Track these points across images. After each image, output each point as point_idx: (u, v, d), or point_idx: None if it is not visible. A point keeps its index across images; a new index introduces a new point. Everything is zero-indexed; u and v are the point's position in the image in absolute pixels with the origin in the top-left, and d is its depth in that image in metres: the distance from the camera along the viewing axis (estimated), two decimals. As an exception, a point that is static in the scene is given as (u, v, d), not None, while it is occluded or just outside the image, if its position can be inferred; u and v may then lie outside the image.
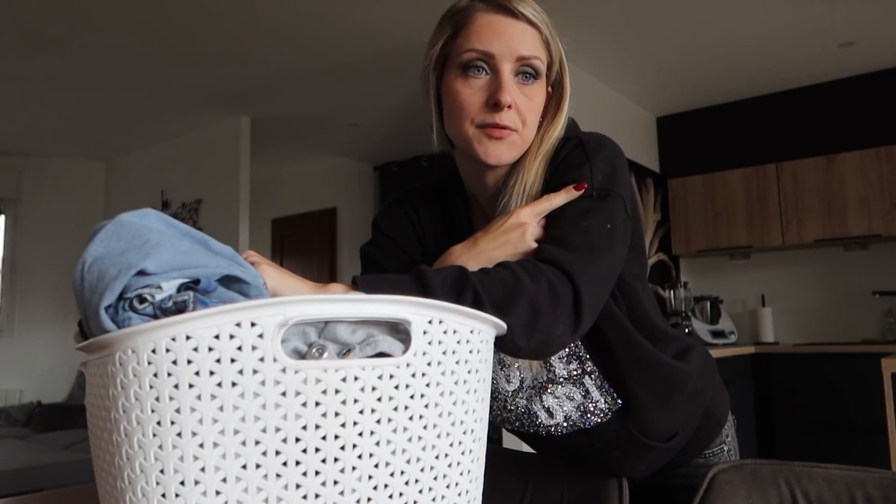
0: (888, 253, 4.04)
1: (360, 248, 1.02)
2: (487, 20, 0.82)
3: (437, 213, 0.98)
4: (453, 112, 0.83)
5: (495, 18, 0.81)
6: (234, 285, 0.55)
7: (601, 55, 3.75)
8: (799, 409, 3.76)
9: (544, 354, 0.71)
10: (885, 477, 0.76)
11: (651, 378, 0.88)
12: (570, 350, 0.87)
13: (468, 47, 0.81)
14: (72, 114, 4.52)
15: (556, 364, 0.87)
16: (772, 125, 4.41)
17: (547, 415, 0.89)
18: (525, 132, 0.83)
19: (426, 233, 0.98)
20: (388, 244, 0.98)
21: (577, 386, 0.88)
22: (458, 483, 0.57)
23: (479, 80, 0.81)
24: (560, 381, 0.88)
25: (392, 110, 4.56)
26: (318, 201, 5.98)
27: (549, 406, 0.89)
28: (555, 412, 0.89)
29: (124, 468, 0.49)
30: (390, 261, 0.96)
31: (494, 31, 0.81)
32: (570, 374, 0.87)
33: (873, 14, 3.36)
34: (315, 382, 0.49)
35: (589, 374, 0.87)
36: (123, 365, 0.48)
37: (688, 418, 0.92)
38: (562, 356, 0.87)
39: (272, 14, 3.20)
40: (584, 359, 0.87)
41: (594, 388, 0.88)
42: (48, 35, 3.34)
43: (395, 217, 1.00)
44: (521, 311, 0.65)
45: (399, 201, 1.01)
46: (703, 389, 0.93)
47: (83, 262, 0.51)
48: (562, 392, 0.88)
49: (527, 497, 0.97)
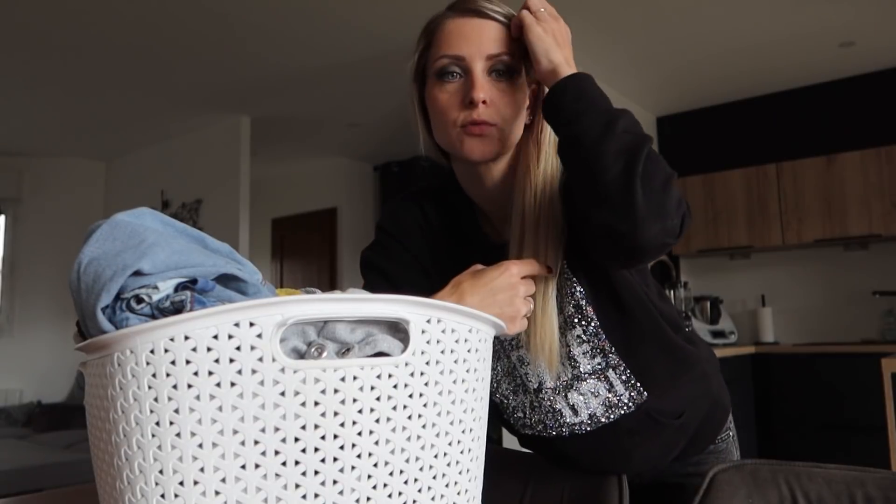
0: (888, 253, 4.04)
1: (363, 253, 0.99)
2: (455, 25, 0.84)
3: (443, 214, 0.98)
4: (437, 120, 0.85)
5: (462, 21, 0.84)
6: (231, 284, 0.54)
7: (601, 55, 3.75)
8: (799, 408, 3.76)
9: (660, 249, 0.73)
10: (885, 477, 0.76)
11: (671, 361, 0.91)
12: (593, 344, 0.88)
13: (440, 54, 0.83)
14: (72, 114, 4.52)
15: (580, 360, 0.88)
16: (772, 125, 4.41)
17: (572, 413, 0.90)
18: (506, 127, 0.84)
19: (435, 234, 0.97)
20: (393, 248, 0.97)
21: (601, 381, 0.89)
22: (457, 482, 0.57)
23: (454, 84, 0.83)
24: (584, 377, 0.88)
25: (392, 110, 4.56)
26: (318, 201, 5.98)
27: (575, 403, 0.89)
28: (580, 409, 0.89)
29: (123, 468, 0.49)
30: (396, 267, 0.95)
31: (462, 35, 0.83)
32: (594, 368, 0.88)
33: (873, 14, 3.36)
34: (314, 382, 0.49)
35: (613, 367, 0.88)
36: (122, 365, 0.48)
37: (694, 399, 0.94)
38: (586, 351, 0.88)
39: (272, 14, 3.20)
40: (608, 352, 0.88)
41: (618, 382, 0.89)
42: (48, 35, 3.34)
43: (401, 219, 0.99)
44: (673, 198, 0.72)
45: (404, 203, 1.00)
46: (710, 375, 0.97)
47: (79, 263, 0.51)
48: (587, 388, 0.89)
49: (526, 496, 0.97)
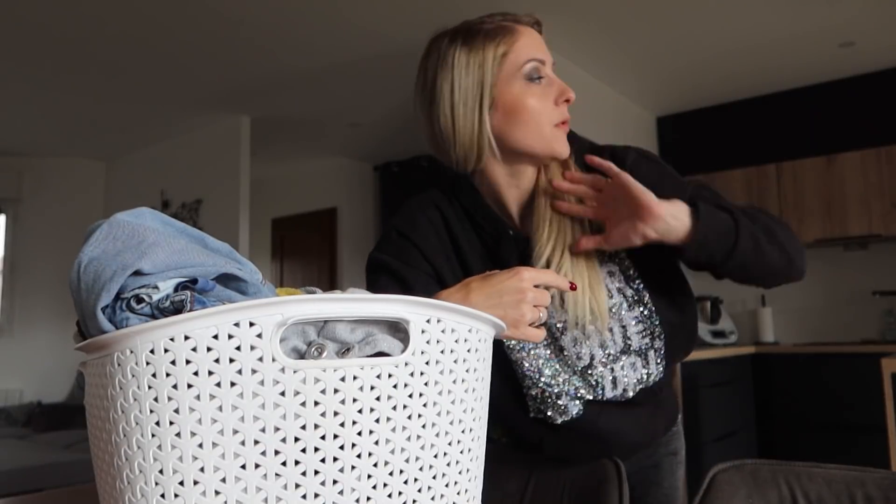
0: (888, 253, 4.04)
1: (375, 257, 0.98)
2: (525, 31, 0.93)
3: (463, 215, 1.00)
4: (526, 119, 0.91)
5: (526, 30, 0.94)
6: (231, 283, 0.54)
7: (601, 55, 3.75)
8: (799, 408, 3.75)
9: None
10: (885, 477, 0.76)
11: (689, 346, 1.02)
12: (646, 325, 0.95)
13: (528, 58, 0.91)
14: (72, 114, 4.52)
15: (633, 338, 0.95)
16: (772, 125, 4.41)
17: (612, 386, 0.95)
18: None
19: (458, 234, 0.99)
20: (409, 252, 0.97)
21: (640, 357, 0.96)
22: (457, 482, 0.57)
23: (541, 87, 0.92)
24: (631, 352, 0.95)
25: (392, 110, 4.56)
26: (318, 201, 5.98)
27: (617, 376, 0.95)
28: (619, 382, 0.95)
29: (123, 468, 0.49)
30: (410, 269, 0.95)
31: (535, 42, 0.93)
32: (641, 346, 0.95)
33: (873, 14, 3.36)
34: (314, 382, 0.49)
35: (656, 349, 0.96)
36: (122, 365, 0.48)
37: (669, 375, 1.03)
38: (640, 330, 0.95)
39: (272, 14, 3.20)
40: (657, 336, 0.96)
41: (654, 362, 0.96)
42: (48, 35, 3.34)
43: (417, 222, 0.99)
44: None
45: (420, 205, 1.01)
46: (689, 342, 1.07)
47: (79, 263, 0.51)
48: (628, 362, 0.95)
49: (527, 495, 0.97)
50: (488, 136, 0.92)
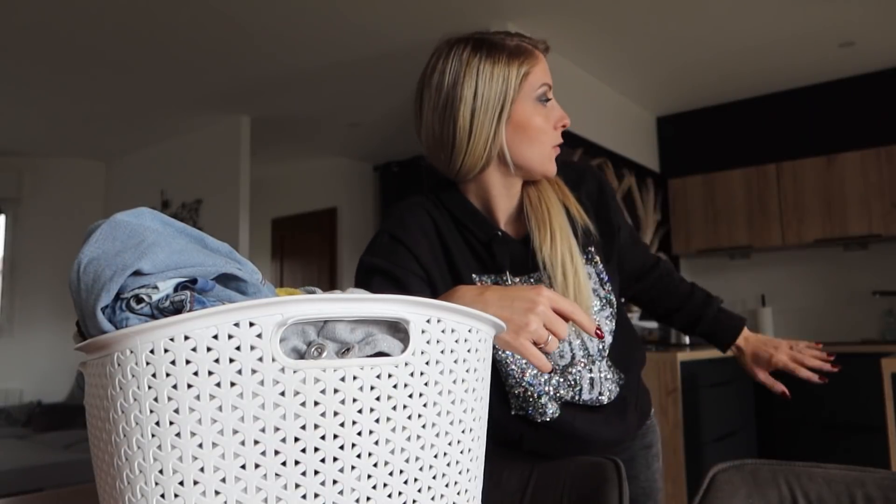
0: (888, 253, 4.04)
1: (366, 260, 0.99)
2: (541, 56, 1.00)
3: (452, 218, 1.03)
4: (531, 137, 0.98)
5: (541, 55, 1.01)
6: (231, 283, 0.54)
7: (601, 55, 3.75)
8: (799, 408, 3.76)
9: None
10: (885, 477, 0.76)
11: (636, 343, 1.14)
12: (611, 327, 1.04)
13: (542, 82, 0.98)
14: (72, 114, 4.52)
15: (607, 337, 1.04)
16: (772, 125, 4.41)
17: (589, 386, 1.01)
18: None
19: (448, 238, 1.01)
20: (402, 255, 0.98)
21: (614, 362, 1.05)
22: (457, 482, 0.57)
23: (547, 109, 1.00)
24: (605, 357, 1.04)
25: (392, 110, 4.56)
26: (318, 201, 5.98)
27: (594, 377, 1.02)
28: (596, 384, 1.02)
29: (123, 468, 0.49)
30: (404, 272, 0.96)
31: (546, 67, 1.01)
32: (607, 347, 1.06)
33: (873, 14, 3.36)
34: (314, 382, 0.49)
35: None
36: (122, 365, 0.48)
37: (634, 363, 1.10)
38: (610, 329, 1.04)
39: (272, 14, 3.20)
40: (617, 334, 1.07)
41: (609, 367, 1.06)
42: (49, 35, 3.34)
43: (409, 226, 1.00)
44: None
45: (410, 210, 1.03)
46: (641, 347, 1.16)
47: (79, 263, 0.51)
48: (605, 365, 1.03)
49: (527, 495, 0.97)
50: (501, 146, 0.97)
